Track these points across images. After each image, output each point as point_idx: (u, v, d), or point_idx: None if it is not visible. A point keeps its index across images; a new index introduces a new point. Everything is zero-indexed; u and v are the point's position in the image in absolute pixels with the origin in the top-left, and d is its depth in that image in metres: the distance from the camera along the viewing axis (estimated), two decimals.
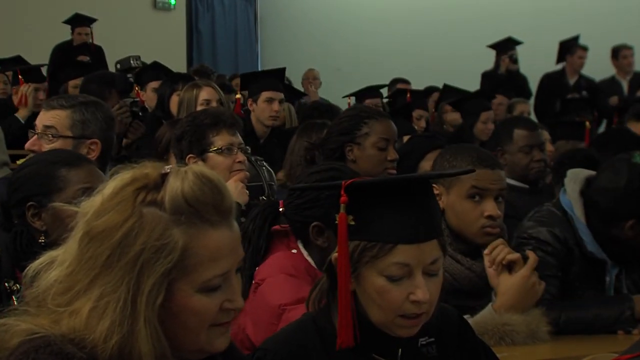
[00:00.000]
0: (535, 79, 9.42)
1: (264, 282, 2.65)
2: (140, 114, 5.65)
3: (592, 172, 3.20)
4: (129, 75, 7.20)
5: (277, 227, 2.81)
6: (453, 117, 7.23)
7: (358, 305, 1.88)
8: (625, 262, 3.15)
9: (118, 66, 8.03)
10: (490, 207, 2.85)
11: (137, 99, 6.06)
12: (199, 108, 4.90)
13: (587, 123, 5.29)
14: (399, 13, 11.82)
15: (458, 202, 2.87)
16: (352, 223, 1.83)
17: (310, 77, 9.80)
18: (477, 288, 2.87)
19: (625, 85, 9.24)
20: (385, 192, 1.85)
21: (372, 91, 7.49)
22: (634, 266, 3.20)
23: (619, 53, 9.31)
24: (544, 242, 3.09)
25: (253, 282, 2.69)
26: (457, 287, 2.84)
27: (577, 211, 3.10)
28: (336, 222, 1.84)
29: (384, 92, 8.18)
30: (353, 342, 1.83)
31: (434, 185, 2.84)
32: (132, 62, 7.85)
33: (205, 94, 5.05)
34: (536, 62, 9.35)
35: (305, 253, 2.70)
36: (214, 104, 4.98)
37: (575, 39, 9.24)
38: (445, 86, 7.75)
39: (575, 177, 3.16)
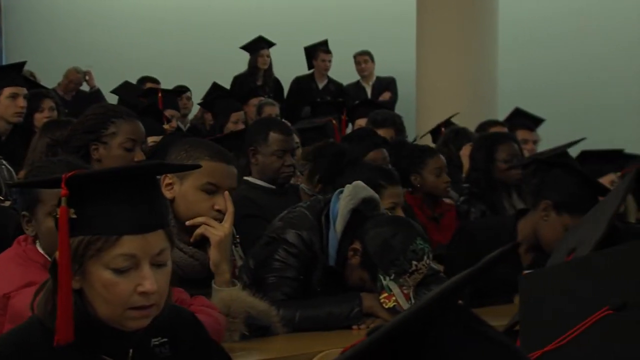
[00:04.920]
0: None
1: None
2: None
3: (371, 194, 3.32)
4: None
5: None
6: None
7: (87, 304, 1.84)
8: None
9: None
10: (221, 202, 2.92)
11: None
12: None
13: (334, 122, 5.46)
14: (153, 9, 11.67)
15: (191, 192, 2.91)
16: (74, 217, 1.79)
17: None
18: (201, 276, 2.92)
19: (369, 90, 9.64)
20: (107, 184, 1.83)
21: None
22: None
23: (357, 59, 9.70)
24: (290, 244, 3.21)
25: None
26: (181, 276, 2.85)
27: (339, 226, 3.23)
28: (56, 215, 1.79)
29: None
30: (72, 338, 1.78)
31: (167, 175, 2.90)
32: None
33: None
34: (290, 66, 9.53)
35: (39, 248, 2.63)
36: None
37: (322, 43, 9.49)
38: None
39: (354, 195, 3.26)
